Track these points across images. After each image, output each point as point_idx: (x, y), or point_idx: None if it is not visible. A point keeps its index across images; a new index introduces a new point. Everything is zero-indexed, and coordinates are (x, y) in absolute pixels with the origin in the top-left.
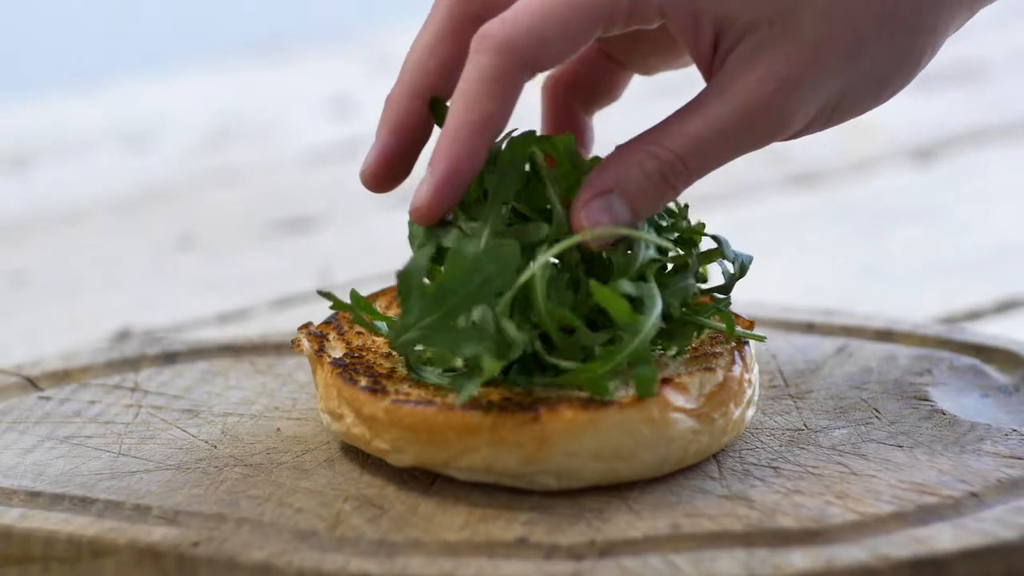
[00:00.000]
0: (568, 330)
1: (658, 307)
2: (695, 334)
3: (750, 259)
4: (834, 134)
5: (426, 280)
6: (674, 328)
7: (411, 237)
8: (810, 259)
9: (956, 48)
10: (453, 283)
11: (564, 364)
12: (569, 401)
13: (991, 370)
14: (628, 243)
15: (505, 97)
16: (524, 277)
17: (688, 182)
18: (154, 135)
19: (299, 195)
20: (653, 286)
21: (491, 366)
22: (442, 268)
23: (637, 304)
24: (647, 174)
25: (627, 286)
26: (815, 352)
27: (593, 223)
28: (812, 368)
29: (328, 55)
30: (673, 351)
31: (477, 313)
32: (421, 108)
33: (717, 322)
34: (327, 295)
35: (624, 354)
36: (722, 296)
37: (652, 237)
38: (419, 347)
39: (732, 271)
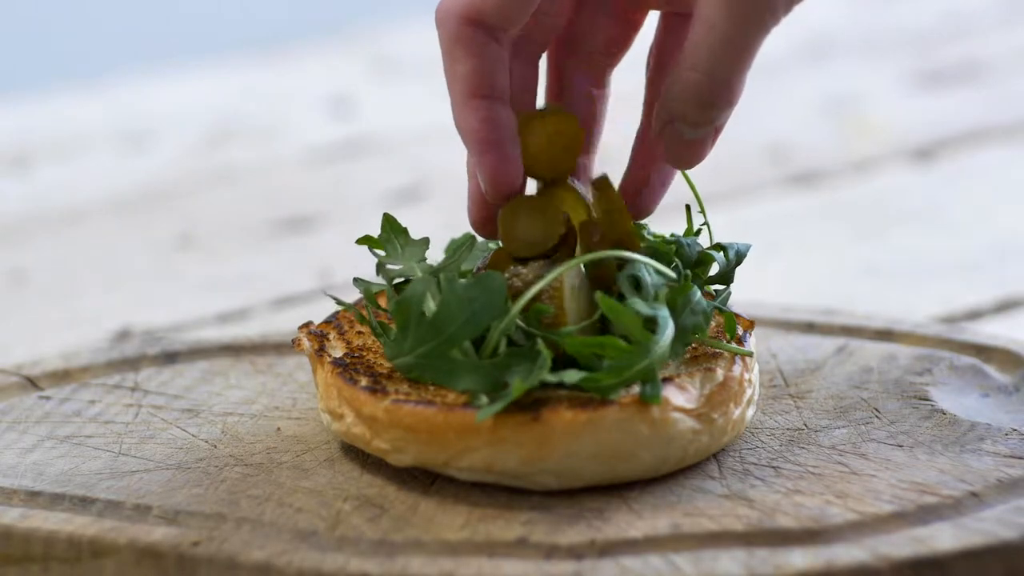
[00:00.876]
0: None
1: (670, 329)
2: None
3: (747, 247)
4: (834, 133)
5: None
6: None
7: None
8: (810, 259)
9: (957, 47)
10: (447, 314)
11: (568, 378)
12: (569, 401)
13: (991, 370)
14: (634, 274)
15: (470, 55)
16: (546, 281)
17: (727, 93)
18: (154, 135)
19: (299, 195)
20: (665, 309)
21: (519, 387)
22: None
23: (649, 324)
24: (688, 100)
25: (640, 305)
26: (815, 352)
27: (673, 151)
28: (812, 368)
29: (328, 55)
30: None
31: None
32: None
33: (731, 344)
34: (336, 300)
35: (633, 372)
36: (722, 287)
37: (653, 262)
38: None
39: (729, 260)
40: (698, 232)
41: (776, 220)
